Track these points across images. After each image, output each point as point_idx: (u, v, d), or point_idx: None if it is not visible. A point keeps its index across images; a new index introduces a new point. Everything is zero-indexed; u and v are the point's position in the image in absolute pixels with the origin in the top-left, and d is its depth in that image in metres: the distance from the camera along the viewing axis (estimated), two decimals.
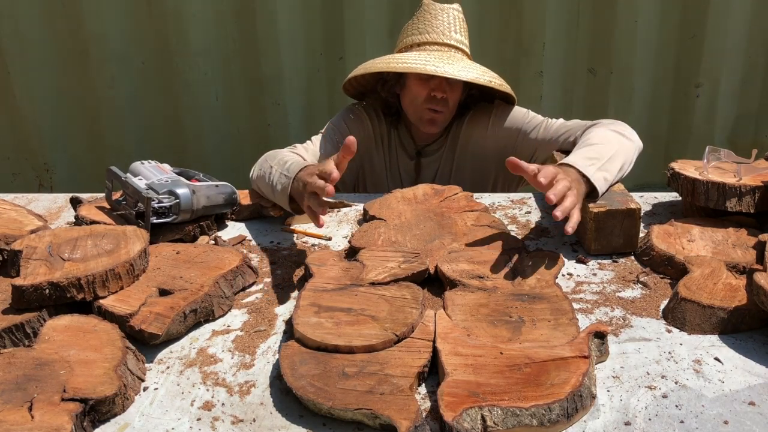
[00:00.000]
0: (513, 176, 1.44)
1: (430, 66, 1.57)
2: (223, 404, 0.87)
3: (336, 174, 1.11)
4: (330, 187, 1.08)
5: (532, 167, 1.14)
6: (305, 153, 1.64)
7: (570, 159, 1.31)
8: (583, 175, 1.26)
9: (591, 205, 1.25)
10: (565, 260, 1.23)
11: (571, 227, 1.13)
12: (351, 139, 1.12)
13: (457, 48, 1.65)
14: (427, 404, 0.85)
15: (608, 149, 1.38)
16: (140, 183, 1.35)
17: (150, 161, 1.46)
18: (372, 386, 0.83)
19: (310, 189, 1.14)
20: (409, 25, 1.71)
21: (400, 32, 1.74)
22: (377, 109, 1.82)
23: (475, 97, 1.75)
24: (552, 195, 1.12)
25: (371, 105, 1.82)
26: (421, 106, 1.68)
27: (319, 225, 1.12)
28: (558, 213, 1.12)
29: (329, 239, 1.39)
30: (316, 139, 1.72)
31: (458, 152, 1.79)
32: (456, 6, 1.68)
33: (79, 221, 1.38)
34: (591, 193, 1.28)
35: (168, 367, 0.96)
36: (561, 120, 1.65)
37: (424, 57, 1.60)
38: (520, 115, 1.72)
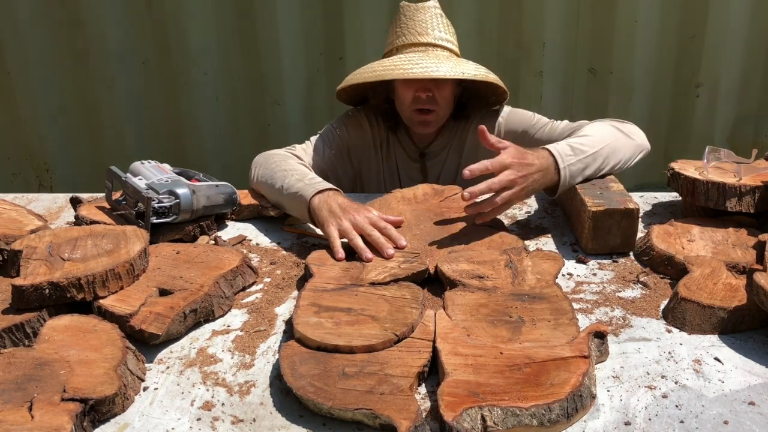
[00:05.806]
0: None
1: (399, 70, 1.56)
2: (223, 404, 0.87)
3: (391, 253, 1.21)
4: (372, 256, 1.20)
5: (494, 140, 1.24)
6: (304, 156, 1.64)
7: (552, 145, 1.34)
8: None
9: (589, 204, 1.25)
10: (565, 260, 1.23)
11: (480, 219, 1.27)
12: (401, 220, 1.32)
13: (435, 45, 1.62)
14: (427, 404, 0.85)
15: (596, 141, 1.39)
16: (140, 183, 1.35)
17: (150, 161, 1.46)
18: (372, 386, 0.83)
19: (371, 233, 1.23)
20: (390, 29, 1.69)
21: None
22: (377, 114, 1.81)
23: (470, 90, 1.73)
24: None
25: (371, 109, 1.81)
26: (409, 108, 1.67)
27: (338, 258, 1.20)
28: (465, 193, 1.22)
29: None
30: (314, 142, 1.72)
31: (465, 154, 1.78)
32: (432, 3, 1.65)
33: (79, 221, 1.38)
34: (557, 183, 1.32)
35: (168, 367, 0.96)
36: (566, 121, 1.65)
37: (398, 61, 1.60)
38: (527, 117, 1.73)
